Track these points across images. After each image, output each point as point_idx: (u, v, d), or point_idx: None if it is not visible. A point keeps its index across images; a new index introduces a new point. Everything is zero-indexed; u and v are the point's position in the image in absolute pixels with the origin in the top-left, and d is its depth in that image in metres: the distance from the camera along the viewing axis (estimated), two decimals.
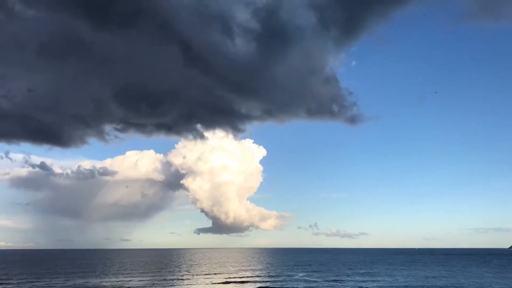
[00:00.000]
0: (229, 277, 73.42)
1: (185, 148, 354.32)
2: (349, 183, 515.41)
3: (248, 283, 63.89)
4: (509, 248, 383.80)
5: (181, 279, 69.72)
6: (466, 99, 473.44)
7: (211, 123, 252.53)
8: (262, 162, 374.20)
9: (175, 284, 62.28)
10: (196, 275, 79.65)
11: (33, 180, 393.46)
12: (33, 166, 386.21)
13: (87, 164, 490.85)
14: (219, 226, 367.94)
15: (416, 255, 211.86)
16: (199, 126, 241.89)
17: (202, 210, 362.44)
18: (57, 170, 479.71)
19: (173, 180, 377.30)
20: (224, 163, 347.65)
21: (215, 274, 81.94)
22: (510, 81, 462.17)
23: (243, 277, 75.37)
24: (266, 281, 66.61)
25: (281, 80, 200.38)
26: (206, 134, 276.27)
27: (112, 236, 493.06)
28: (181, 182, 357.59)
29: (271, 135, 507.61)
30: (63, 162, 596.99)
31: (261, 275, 79.52)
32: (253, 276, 76.20)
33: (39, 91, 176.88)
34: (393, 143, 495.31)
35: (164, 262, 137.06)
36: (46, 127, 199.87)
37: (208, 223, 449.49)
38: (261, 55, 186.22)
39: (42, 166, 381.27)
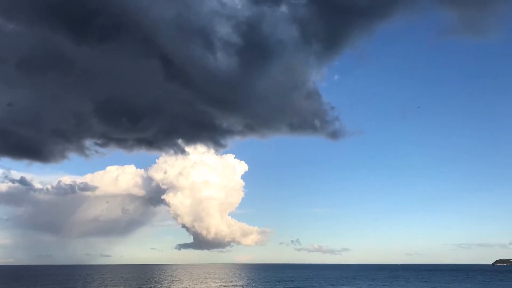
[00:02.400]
0: None
1: (166, 163, 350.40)
2: (332, 199, 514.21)
3: None
4: (493, 264, 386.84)
5: None
6: (449, 114, 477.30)
7: (192, 138, 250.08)
8: (243, 177, 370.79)
9: None
10: None
11: (12, 195, 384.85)
12: (13, 181, 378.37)
13: (67, 179, 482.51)
14: (200, 242, 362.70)
15: (399, 271, 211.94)
16: (180, 141, 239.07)
17: (183, 226, 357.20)
18: (37, 185, 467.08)
19: (154, 196, 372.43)
20: (205, 178, 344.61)
21: None
22: (493, 96, 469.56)
23: None
24: None
25: (262, 94, 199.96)
26: (187, 149, 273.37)
27: (92, 252, 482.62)
28: (162, 197, 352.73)
29: (252, 150, 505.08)
30: (43, 177, 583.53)
31: None
32: None
33: (19, 106, 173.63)
34: (375, 158, 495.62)
35: (145, 278, 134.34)
36: (26, 142, 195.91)
37: (189, 239, 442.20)
38: (242, 69, 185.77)
39: (22, 181, 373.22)
